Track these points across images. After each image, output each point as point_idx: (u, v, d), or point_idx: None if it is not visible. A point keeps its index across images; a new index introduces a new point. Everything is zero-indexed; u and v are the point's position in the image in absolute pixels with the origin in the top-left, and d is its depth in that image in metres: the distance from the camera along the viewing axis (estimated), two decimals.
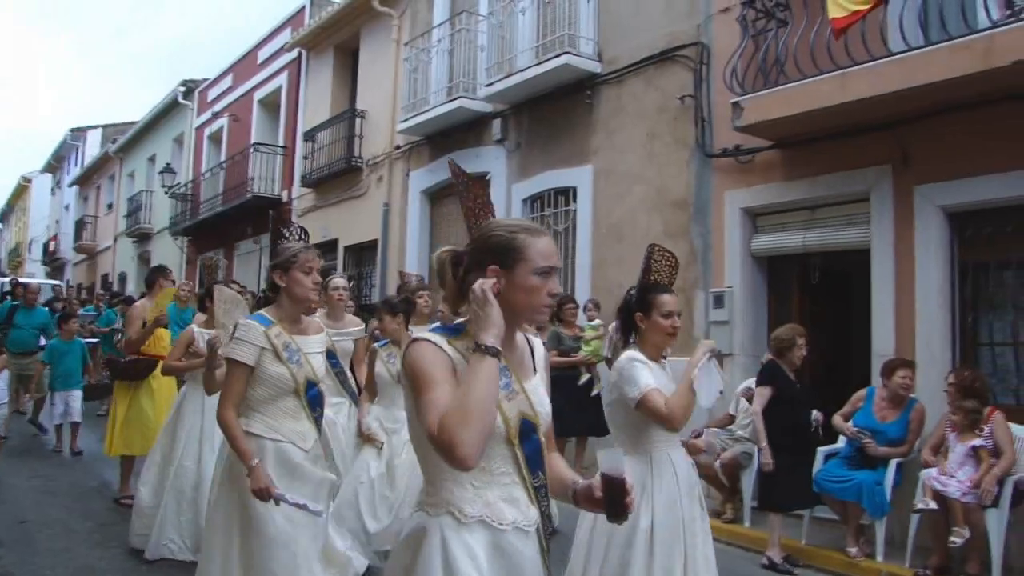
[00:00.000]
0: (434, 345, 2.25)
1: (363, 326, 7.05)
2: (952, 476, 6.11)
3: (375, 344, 6.19)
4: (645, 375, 3.80)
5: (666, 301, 3.99)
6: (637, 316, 4.02)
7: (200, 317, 7.53)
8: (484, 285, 2.21)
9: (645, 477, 3.79)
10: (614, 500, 2.25)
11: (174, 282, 8.10)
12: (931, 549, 6.22)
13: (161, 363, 6.92)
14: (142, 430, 7.48)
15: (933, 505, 6.12)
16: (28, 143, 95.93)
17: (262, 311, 4.03)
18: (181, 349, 6.43)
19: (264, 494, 3.68)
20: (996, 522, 5.95)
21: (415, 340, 2.27)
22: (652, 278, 4.12)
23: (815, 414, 7.14)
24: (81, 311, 15.81)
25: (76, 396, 10.63)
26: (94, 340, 13.86)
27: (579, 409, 8.59)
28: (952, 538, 5.87)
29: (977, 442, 6.14)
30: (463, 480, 2.24)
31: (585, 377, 9.01)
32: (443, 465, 2.15)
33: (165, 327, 7.86)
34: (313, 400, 4.02)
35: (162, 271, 8.26)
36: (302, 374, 3.94)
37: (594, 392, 8.88)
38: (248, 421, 3.86)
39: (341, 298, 6.71)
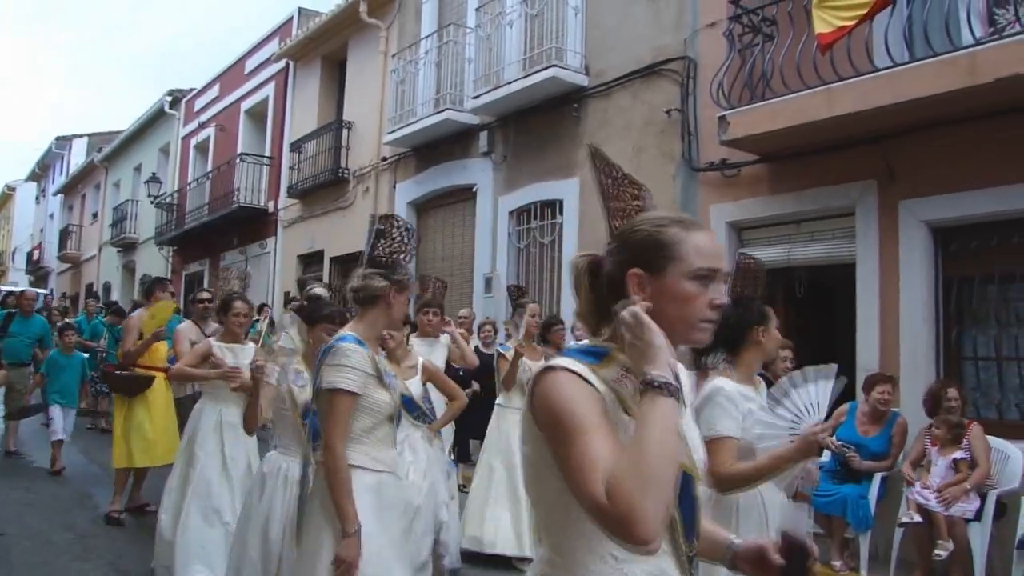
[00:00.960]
0: (578, 377, 1.71)
1: None
2: (935, 490, 6.13)
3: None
4: (729, 419, 3.24)
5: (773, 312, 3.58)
6: (758, 331, 3.52)
7: (215, 328, 7.26)
8: (634, 308, 1.73)
9: (732, 523, 3.21)
10: (796, 567, 1.86)
11: (173, 294, 8.05)
12: (915, 563, 6.24)
13: (172, 368, 6.54)
14: (141, 443, 7.47)
15: (917, 518, 6.14)
16: (12, 151, 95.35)
17: (350, 331, 3.49)
18: (196, 359, 5.98)
19: (348, 570, 3.20)
20: (979, 536, 5.97)
21: (550, 369, 1.73)
22: (740, 289, 3.73)
23: (839, 443, 6.91)
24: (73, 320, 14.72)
25: (71, 415, 10.18)
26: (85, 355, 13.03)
27: None
28: (936, 551, 5.88)
29: (959, 455, 6.17)
30: (602, 552, 1.73)
31: None
32: (581, 533, 1.71)
33: (165, 340, 7.72)
34: (397, 425, 3.74)
35: (160, 283, 8.12)
36: (397, 398, 3.60)
37: None
38: (349, 454, 3.37)
39: None
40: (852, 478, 6.71)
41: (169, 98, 25.06)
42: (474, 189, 12.45)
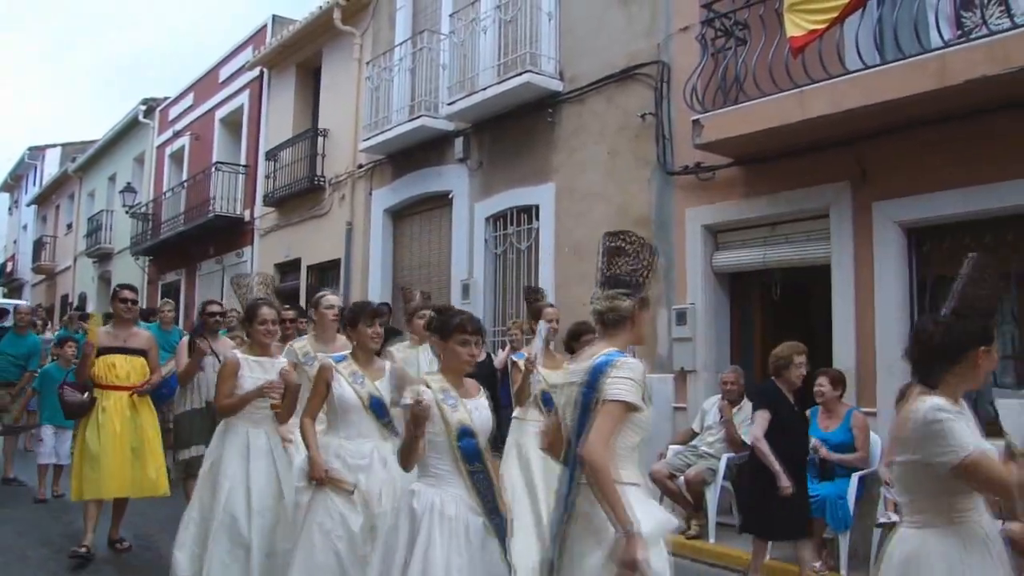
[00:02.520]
0: None
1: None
2: None
3: (330, 358, 5.01)
4: (967, 432, 2.92)
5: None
6: (980, 352, 3.08)
7: (227, 342, 6.91)
8: None
9: (955, 556, 2.95)
10: None
11: (135, 301, 7.06)
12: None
13: (220, 404, 5.43)
14: (90, 472, 6.57)
15: (895, 518, 6.14)
16: None
17: (612, 345, 3.40)
18: (230, 382, 5.25)
19: (638, 568, 3.01)
20: None
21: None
22: (971, 293, 3.30)
23: (813, 441, 6.73)
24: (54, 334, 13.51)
25: (68, 438, 8.98)
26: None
27: None
28: None
29: None
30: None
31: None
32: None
33: (144, 355, 6.99)
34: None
35: (118, 291, 7.10)
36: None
37: None
38: (620, 472, 3.24)
39: (336, 318, 5.85)
40: (828, 477, 6.75)
41: (143, 107, 24.87)
42: (450, 195, 12.42)
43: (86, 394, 6.81)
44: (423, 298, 7.58)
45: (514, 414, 6.55)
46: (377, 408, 4.80)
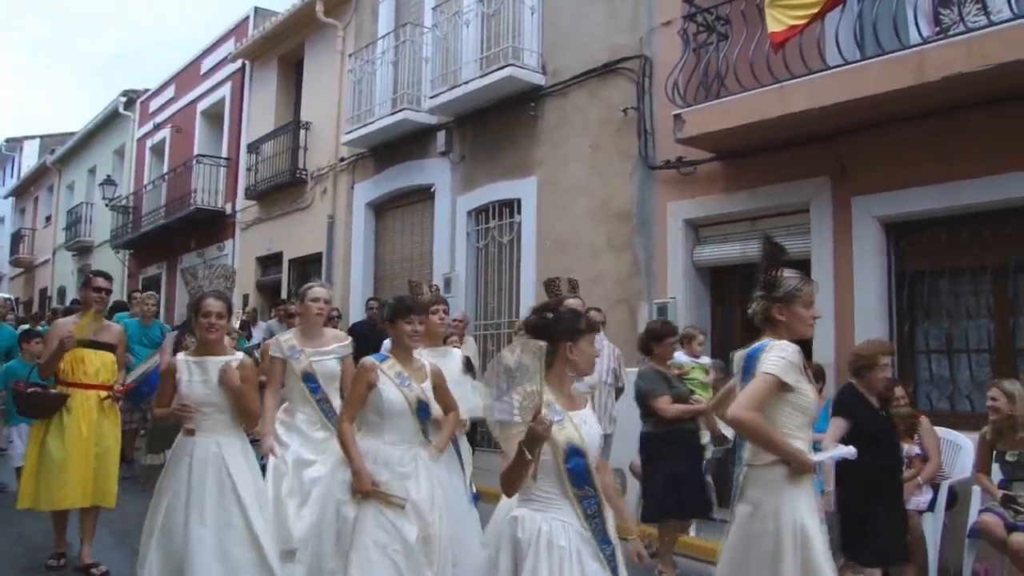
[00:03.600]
0: None
1: (349, 341, 5.76)
2: None
3: (371, 357, 4.70)
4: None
5: None
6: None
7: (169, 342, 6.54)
8: None
9: None
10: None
11: (104, 291, 6.29)
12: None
13: (158, 411, 5.07)
14: (48, 479, 5.91)
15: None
16: None
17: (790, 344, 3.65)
18: (166, 385, 4.84)
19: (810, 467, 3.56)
20: (932, 526, 6.07)
21: None
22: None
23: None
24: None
25: None
26: None
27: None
28: None
29: (915, 451, 6.26)
30: None
31: (712, 449, 6.87)
32: None
33: (112, 349, 6.32)
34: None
35: (90, 279, 6.36)
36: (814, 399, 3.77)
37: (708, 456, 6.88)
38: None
39: (321, 312, 5.55)
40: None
41: (124, 99, 24.69)
42: (432, 189, 12.42)
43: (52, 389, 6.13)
44: (434, 291, 6.72)
45: None
46: (423, 413, 4.62)
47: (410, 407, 4.53)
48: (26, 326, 11.71)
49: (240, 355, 4.95)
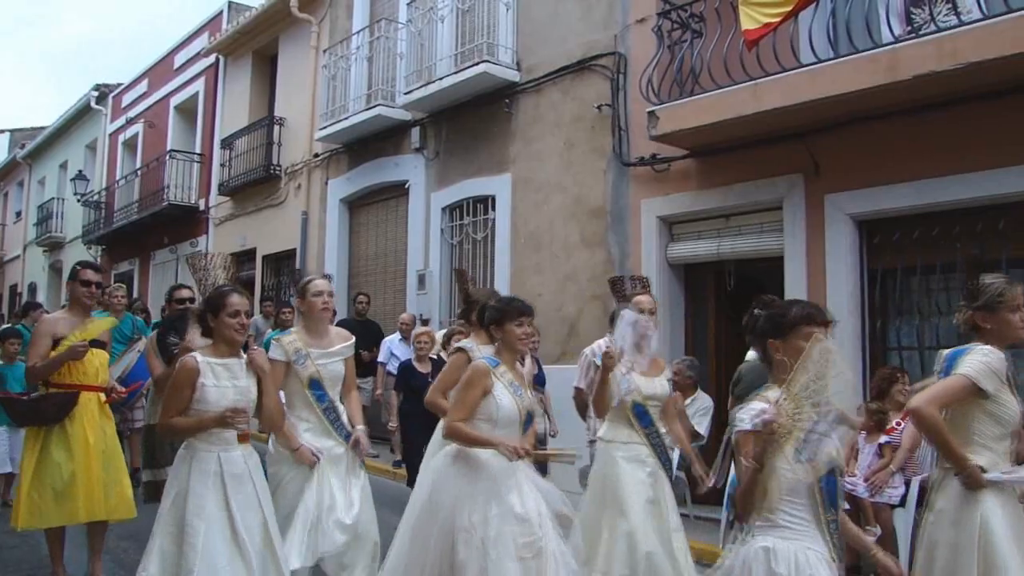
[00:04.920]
0: None
1: (352, 340, 5.18)
2: (863, 478, 6.26)
3: (485, 360, 4.25)
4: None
5: None
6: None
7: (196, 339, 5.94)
8: None
9: None
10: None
11: (94, 284, 5.70)
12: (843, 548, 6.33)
13: (161, 423, 4.35)
14: (55, 493, 5.30)
15: (845, 505, 6.22)
16: None
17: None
18: (185, 393, 4.11)
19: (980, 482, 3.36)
20: (903, 521, 6.09)
21: None
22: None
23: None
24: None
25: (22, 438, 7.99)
26: None
27: None
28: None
29: (883, 439, 6.31)
30: None
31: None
32: None
33: (103, 347, 5.78)
34: None
35: (81, 270, 5.74)
36: None
37: None
38: (978, 459, 3.44)
39: (327, 306, 4.98)
40: None
41: (95, 93, 24.45)
42: (406, 185, 12.38)
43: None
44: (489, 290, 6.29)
45: (600, 433, 5.27)
46: (528, 424, 4.30)
47: (520, 417, 4.19)
48: (8, 326, 10.69)
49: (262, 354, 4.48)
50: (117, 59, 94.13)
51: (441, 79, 11.02)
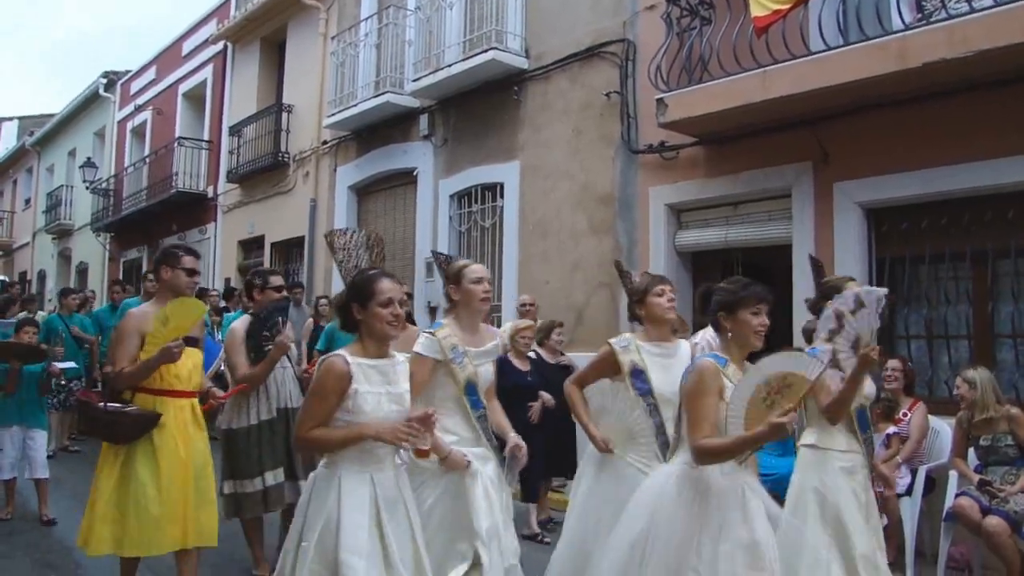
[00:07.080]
0: None
1: (499, 339, 4.45)
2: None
3: (713, 359, 3.57)
4: None
5: None
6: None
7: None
8: None
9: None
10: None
11: (197, 272, 4.88)
12: None
13: (299, 434, 3.41)
14: (139, 515, 4.36)
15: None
16: None
17: None
18: (332, 401, 3.32)
19: None
20: (910, 510, 6.11)
21: None
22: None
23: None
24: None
25: (38, 438, 7.20)
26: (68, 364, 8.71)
27: None
28: None
29: (891, 430, 6.31)
30: None
31: None
32: None
33: (196, 344, 4.79)
34: None
35: (169, 257, 4.77)
36: None
37: None
38: None
39: (487, 296, 4.15)
40: (788, 451, 6.81)
41: (104, 80, 24.47)
42: (415, 173, 12.38)
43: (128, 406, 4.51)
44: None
45: (806, 439, 4.67)
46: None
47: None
48: (24, 314, 10.24)
49: (401, 356, 3.56)
50: (125, 47, 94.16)
51: (450, 66, 10.99)
